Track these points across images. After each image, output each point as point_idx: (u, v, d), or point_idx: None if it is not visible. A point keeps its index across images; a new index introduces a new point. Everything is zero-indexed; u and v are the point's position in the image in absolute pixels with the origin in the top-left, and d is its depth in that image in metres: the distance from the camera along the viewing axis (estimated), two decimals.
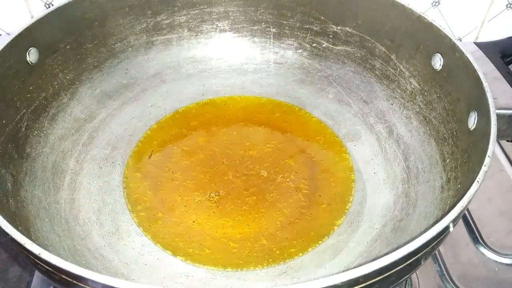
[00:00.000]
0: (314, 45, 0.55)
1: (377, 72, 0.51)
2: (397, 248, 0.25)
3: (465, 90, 0.40)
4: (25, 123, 0.43)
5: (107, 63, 0.52)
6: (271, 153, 0.49)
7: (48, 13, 0.44)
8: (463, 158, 0.39)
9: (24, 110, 0.43)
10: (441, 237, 0.28)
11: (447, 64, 0.43)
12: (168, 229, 0.42)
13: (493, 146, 0.32)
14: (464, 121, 0.39)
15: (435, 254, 0.45)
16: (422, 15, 0.45)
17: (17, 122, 0.42)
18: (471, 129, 0.38)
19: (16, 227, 0.28)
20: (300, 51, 0.56)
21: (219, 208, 0.43)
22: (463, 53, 0.40)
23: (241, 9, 0.55)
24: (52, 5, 0.61)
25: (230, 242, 0.41)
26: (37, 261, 0.27)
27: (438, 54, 0.44)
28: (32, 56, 0.43)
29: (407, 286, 0.42)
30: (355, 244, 0.41)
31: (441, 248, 0.45)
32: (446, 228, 0.27)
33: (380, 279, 0.25)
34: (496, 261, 0.45)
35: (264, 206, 0.44)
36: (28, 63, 0.43)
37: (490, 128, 0.33)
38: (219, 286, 0.38)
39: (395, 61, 0.49)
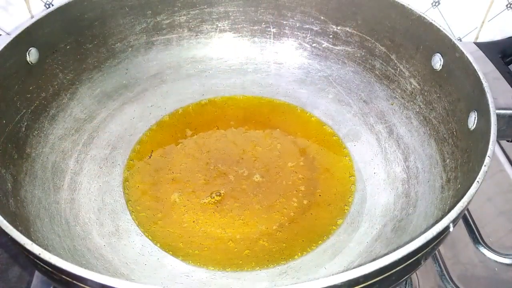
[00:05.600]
0: (314, 45, 0.55)
1: (377, 72, 0.51)
2: (397, 248, 0.25)
3: (465, 90, 0.40)
4: (25, 123, 0.43)
5: (107, 63, 0.52)
6: (271, 153, 0.49)
7: (48, 13, 0.44)
8: (463, 158, 0.39)
9: (24, 110, 0.43)
10: (441, 237, 0.28)
11: (447, 64, 0.43)
12: (168, 229, 0.42)
13: (493, 146, 0.32)
14: (464, 121, 0.39)
15: (435, 254, 0.45)
16: (422, 15, 0.45)
17: (17, 122, 0.42)
18: (471, 129, 0.38)
19: (16, 227, 0.28)
20: (300, 51, 0.56)
21: (219, 208, 0.43)
22: (463, 53, 0.40)
23: (241, 9, 0.55)
24: (52, 5, 0.61)
25: (230, 242, 0.41)
26: (37, 261, 0.27)
27: (438, 54, 0.44)
28: (32, 56, 0.43)
29: (407, 286, 0.42)
30: (355, 244, 0.41)
31: (441, 248, 0.45)
32: (446, 228, 0.27)
33: (380, 279, 0.25)
34: (496, 261, 0.45)
35: (264, 206, 0.44)
36: (28, 63, 0.43)
37: (490, 128, 0.33)
38: (219, 286, 0.38)
39: (395, 61, 0.49)
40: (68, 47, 0.48)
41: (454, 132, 0.41)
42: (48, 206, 0.41)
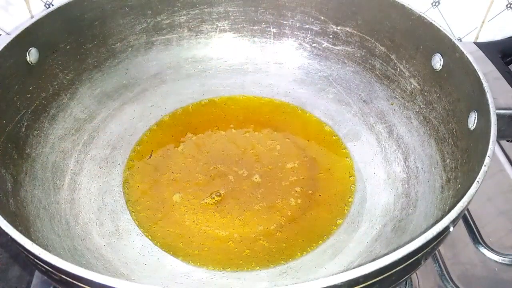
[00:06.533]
0: (314, 45, 0.55)
1: (377, 72, 0.51)
2: (397, 248, 0.25)
3: (465, 90, 0.40)
4: (25, 123, 0.43)
5: (107, 63, 0.52)
6: (271, 153, 0.48)
7: (48, 13, 0.44)
8: (463, 158, 0.39)
9: (24, 110, 0.43)
10: (441, 237, 0.28)
11: (447, 64, 0.43)
12: (168, 229, 0.42)
13: (493, 146, 0.32)
14: (464, 121, 0.39)
15: (435, 254, 0.45)
16: (422, 15, 0.45)
17: (17, 122, 0.42)
18: (471, 129, 0.38)
19: (16, 227, 0.28)
20: (300, 51, 0.56)
21: (219, 208, 0.43)
22: (463, 53, 0.40)
23: (241, 9, 0.55)
24: (52, 5, 0.61)
25: (230, 242, 0.41)
26: (37, 261, 0.27)
27: (438, 54, 0.44)
28: (32, 56, 0.43)
29: (407, 286, 0.42)
30: (355, 244, 0.41)
31: (441, 248, 0.45)
32: (446, 228, 0.27)
33: (380, 279, 0.25)
34: (496, 261, 0.45)
35: (264, 206, 0.44)
36: (28, 63, 0.43)
37: (490, 128, 0.33)
38: (219, 286, 0.38)
39: (395, 61, 0.49)
40: (68, 47, 0.48)
41: (454, 132, 0.41)
42: (48, 206, 0.41)
